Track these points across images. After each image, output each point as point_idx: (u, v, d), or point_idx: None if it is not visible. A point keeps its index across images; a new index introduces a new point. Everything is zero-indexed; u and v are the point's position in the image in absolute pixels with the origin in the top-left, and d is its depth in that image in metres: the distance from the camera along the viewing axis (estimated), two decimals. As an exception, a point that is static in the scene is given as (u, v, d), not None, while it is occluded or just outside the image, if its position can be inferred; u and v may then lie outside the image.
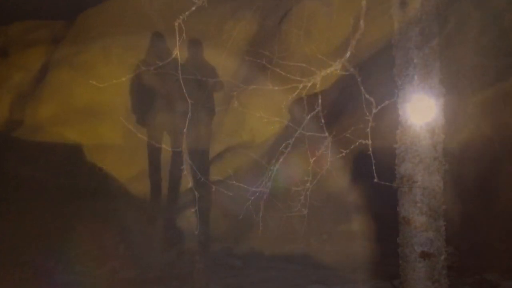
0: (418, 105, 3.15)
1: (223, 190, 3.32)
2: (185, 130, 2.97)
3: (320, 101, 2.82)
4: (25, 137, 6.60)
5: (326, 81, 5.43)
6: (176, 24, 2.72)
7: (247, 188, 3.09)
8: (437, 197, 3.18)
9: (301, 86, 2.85)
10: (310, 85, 2.87)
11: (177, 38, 2.74)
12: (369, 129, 2.74)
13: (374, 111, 2.70)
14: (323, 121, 2.85)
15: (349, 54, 2.74)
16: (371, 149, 2.76)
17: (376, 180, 2.78)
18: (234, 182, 3.25)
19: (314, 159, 2.99)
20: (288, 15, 6.29)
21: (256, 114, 3.48)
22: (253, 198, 3.10)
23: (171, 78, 2.94)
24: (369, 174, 2.84)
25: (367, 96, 2.70)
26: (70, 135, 6.58)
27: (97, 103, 6.54)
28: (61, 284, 4.46)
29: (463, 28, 5.11)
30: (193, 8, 2.77)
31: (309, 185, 3.04)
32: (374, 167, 2.76)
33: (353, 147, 2.92)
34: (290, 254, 5.16)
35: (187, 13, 2.75)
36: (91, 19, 7.18)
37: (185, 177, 4.27)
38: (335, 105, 5.83)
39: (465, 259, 4.33)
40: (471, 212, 4.68)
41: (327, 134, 2.84)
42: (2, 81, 7.29)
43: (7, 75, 7.35)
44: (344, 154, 2.97)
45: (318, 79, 2.83)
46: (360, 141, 2.84)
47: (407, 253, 3.21)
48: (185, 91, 2.91)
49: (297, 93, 3.01)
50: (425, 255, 3.15)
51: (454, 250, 4.07)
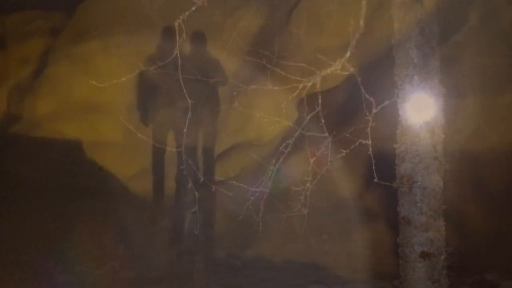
0: (418, 105, 3.15)
1: (226, 191, 3.30)
2: (185, 130, 2.97)
3: (320, 101, 2.81)
4: (23, 133, 6.47)
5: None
6: (176, 24, 2.72)
7: (253, 188, 3.07)
8: (437, 197, 3.18)
9: (301, 86, 2.84)
10: (310, 85, 2.87)
11: (177, 38, 2.74)
12: (369, 129, 2.74)
13: (374, 111, 2.69)
14: (323, 121, 2.84)
15: (349, 54, 2.74)
16: (371, 149, 2.75)
17: (376, 180, 2.78)
18: (236, 182, 3.22)
19: (313, 159, 2.99)
20: (298, 8, 6.20)
21: (256, 114, 3.44)
22: (255, 198, 3.09)
23: (174, 76, 2.92)
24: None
25: (367, 96, 2.69)
26: (69, 132, 6.46)
27: (97, 98, 6.43)
28: (61, 284, 4.46)
29: (463, 28, 5.11)
30: (193, 8, 2.77)
31: (309, 185, 3.04)
32: (374, 167, 2.76)
33: (352, 147, 2.91)
34: (290, 254, 5.15)
35: (187, 13, 2.75)
36: (91, 11, 6.99)
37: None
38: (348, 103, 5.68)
39: (465, 259, 4.32)
40: (471, 212, 4.68)
41: (327, 134, 2.84)
42: (-1, 74, 7.07)
43: (4, 67, 7.14)
44: (344, 154, 2.96)
45: (318, 79, 2.83)
46: (360, 141, 2.83)
47: (407, 253, 3.21)
48: (185, 90, 2.90)
49: (297, 93, 3.00)
50: (425, 255, 3.16)
51: (454, 250, 4.07)
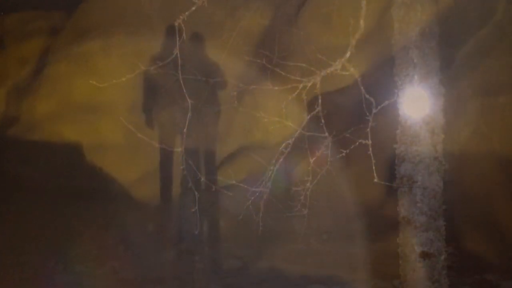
0: (418, 105, 3.15)
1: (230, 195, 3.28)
2: (185, 130, 2.97)
3: (320, 101, 2.81)
4: (21, 135, 6.31)
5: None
6: (176, 24, 2.72)
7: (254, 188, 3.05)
8: (437, 197, 3.18)
9: (301, 86, 2.84)
10: (310, 85, 2.87)
11: (177, 38, 2.74)
12: (369, 129, 2.73)
13: (374, 111, 2.69)
14: (323, 121, 2.84)
15: (349, 54, 2.74)
16: (371, 149, 2.75)
17: (376, 180, 2.78)
18: (241, 186, 3.19)
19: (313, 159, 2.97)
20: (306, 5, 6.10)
21: (263, 115, 3.35)
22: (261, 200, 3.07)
23: (176, 77, 2.90)
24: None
25: (367, 96, 2.69)
26: (68, 134, 6.29)
27: (97, 99, 6.25)
28: (61, 284, 4.46)
29: (463, 28, 5.11)
30: (193, 8, 2.77)
31: (309, 185, 3.03)
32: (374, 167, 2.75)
33: (352, 146, 2.90)
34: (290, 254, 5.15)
35: (187, 13, 2.75)
36: (91, 10, 6.85)
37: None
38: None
39: (465, 259, 4.33)
40: (471, 212, 4.68)
41: (327, 134, 2.84)
42: (-3, 74, 6.90)
43: (2, 68, 7.00)
44: (344, 154, 2.96)
45: (318, 79, 2.83)
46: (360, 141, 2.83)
47: (407, 253, 3.21)
48: (185, 90, 2.91)
49: (297, 93, 2.99)
50: (425, 255, 3.16)
51: (454, 250, 4.07)
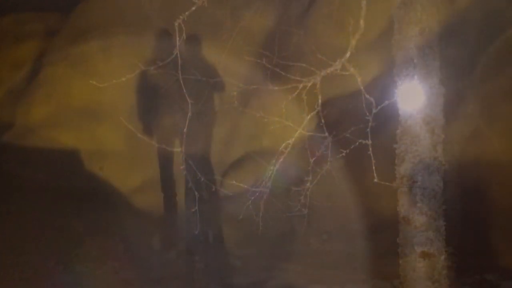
0: (418, 106, 3.15)
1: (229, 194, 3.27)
2: (185, 130, 2.97)
3: (320, 101, 2.81)
4: (15, 142, 6.03)
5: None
6: (176, 24, 2.72)
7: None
8: (437, 197, 3.18)
9: (301, 86, 2.84)
10: (310, 85, 2.87)
11: (177, 38, 2.74)
12: (369, 129, 2.74)
13: (374, 111, 2.69)
14: (323, 121, 2.84)
15: (349, 54, 2.74)
16: (371, 149, 2.75)
17: (376, 180, 2.78)
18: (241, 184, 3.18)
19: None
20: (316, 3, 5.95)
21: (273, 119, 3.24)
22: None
23: (176, 77, 2.89)
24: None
25: (367, 96, 2.69)
26: (65, 140, 6.00)
27: (96, 103, 6.03)
28: (61, 284, 4.46)
29: (463, 28, 5.10)
30: (193, 8, 2.77)
31: (309, 185, 3.04)
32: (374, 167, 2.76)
33: (352, 146, 2.90)
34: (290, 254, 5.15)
35: (187, 13, 2.75)
36: (90, 11, 6.68)
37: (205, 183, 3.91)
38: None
39: (465, 259, 4.32)
40: (471, 212, 4.68)
41: (327, 134, 2.84)
42: (-9, 78, 6.65)
43: None
44: (344, 154, 2.96)
45: (318, 79, 2.83)
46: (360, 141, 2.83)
47: (407, 253, 3.21)
48: (184, 90, 2.91)
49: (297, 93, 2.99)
50: (425, 255, 3.16)
51: (454, 250, 4.07)
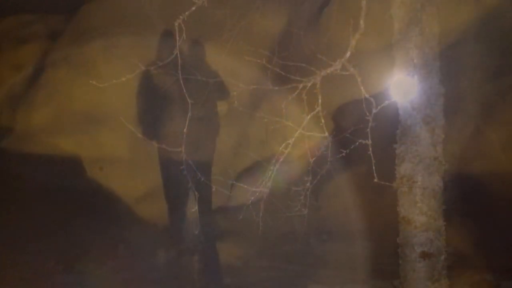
0: (418, 106, 3.15)
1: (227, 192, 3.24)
2: (185, 130, 2.97)
3: (320, 101, 2.81)
4: (15, 147, 5.85)
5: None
6: (176, 24, 2.72)
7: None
8: (437, 197, 3.18)
9: (301, 86, 2.84)
10: (310, 85, 2.86)
11: (177, 38, 2.74)
12: (369, 129, 2.73)
13: (374, 111, 2.69)
14: (323, 121, 2.83)
15: (349, 54, 2.74)
16: (371, 149, 2.75)
17: (376, 180, 2.78)
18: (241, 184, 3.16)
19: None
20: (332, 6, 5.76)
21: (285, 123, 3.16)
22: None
23: (176, 77, 2.88)
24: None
25: (367, 96, 2.69)
26: (67, 146, 5.81)
27: (98, 108, 5.83)
28: (61, 284, 4.46)
29: (463, 28, 5.11)
30: (193, 8, 2.77)
31: (309, 185, 3.04)
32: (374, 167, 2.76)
33: (352, 146, 2.90)
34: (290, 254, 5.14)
35: (187, 13, 2.75)
36: (91, 14, 6.56)
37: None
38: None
39: (465, 259, 4.32)
40: (471, 212, 4.68)
41: (327, 134, 2.84)
42: (-9, 81, 6.52)
43: None
44: (344, 154, 2.96)
45: (318, 79, 2.83)
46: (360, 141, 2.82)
47: (407, 253, 3.22)
48: (185, 90, 2.91)
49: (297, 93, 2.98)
50: (425, 255, 3.16)
51: (454, 250, 4.07)
